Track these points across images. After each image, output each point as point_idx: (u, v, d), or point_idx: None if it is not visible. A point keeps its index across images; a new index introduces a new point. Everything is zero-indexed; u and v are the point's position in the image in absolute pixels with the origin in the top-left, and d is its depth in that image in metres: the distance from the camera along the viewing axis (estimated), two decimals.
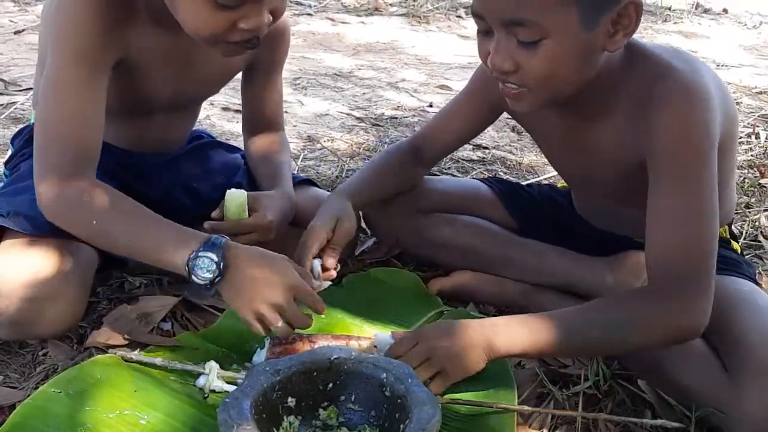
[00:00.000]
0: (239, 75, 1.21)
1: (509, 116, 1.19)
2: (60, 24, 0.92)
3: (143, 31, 0.97)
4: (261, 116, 1.24)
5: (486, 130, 1.31)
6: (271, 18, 0.88)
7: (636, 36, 0.89)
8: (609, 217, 1.12)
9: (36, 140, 0.93)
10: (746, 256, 1.20)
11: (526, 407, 0.88)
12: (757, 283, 1.03)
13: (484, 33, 0.86)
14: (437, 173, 1.75)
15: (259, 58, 1.16)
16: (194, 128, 1.40)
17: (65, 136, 0.91)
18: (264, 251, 0.90)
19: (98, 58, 0.92)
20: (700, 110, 0.86)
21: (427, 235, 1.20)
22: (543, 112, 0.97)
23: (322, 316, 0.95)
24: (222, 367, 0.91)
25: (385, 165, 1.18)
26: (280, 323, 0.86)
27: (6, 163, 1.22)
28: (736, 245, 1.09)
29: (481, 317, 1.11)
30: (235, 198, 1.03)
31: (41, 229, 0.96)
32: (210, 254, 0.85)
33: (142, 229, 0.91)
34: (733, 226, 1.14)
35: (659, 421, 0.85)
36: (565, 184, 1.26)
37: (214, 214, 1.04)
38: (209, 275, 0.85)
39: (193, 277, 0.86)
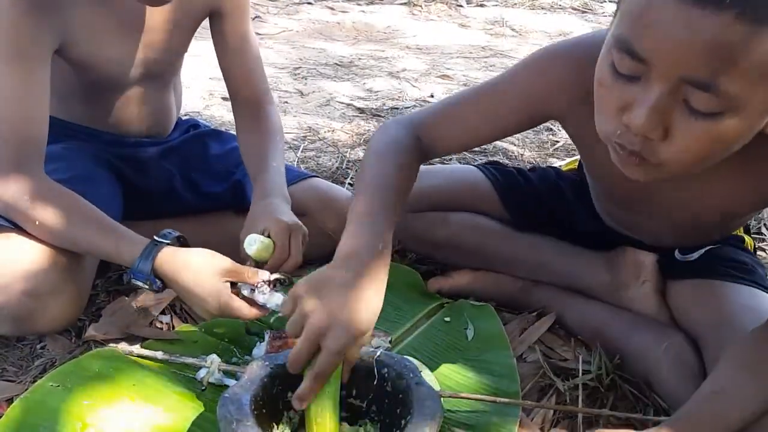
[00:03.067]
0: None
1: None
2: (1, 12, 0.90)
3: (80, 11, 0.95)
4: (240, 85, 1.18)
5: None
6: None
7: None
8: (636, 224, 1.03)
9: None
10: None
11: (528, 402, 0.87)
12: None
13: (629, 77, 0.65)
14: (434, 162, 1.74)
15: (220, 7, 1.10)
16: (190, 117, 1.39)
17: (5, 135, 0.91)
18: (188, 257, 0.91)
19: (34, 52, 0.91)
20: None
21: (421, 237, 1.16)
22: None
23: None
24: (222, 360, 0.90)
25: (402, 179, 0.90)
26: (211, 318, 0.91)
27: None
28: (749, 240, 1.07)
29: (481, 305, 1.10)
30: (254, 245, 0.98)
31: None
32: (138, 283, 0.91)
33: (82, 233, 0.93)
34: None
35: (663, 418, 0.84)
36: (573, 166, 1.19)
37: (243, 256, 1.00)
38: (152, 290, 0.93)
39: (134, 282, 0.93)
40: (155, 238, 0.93)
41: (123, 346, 0.91)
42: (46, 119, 0.94)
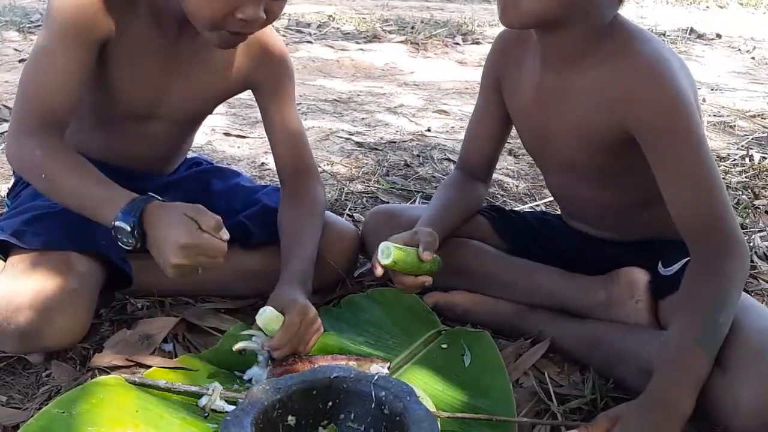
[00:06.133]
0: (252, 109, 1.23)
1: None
2: (56, 5, 0.96)
3: (137, 27, 1.00)
4: (283, 161, 1.21)
5: None
6: (264, 16, 0.92)
7: None
8: (584, 210, 1.15)
9: (15, 100, 1.00)
10: None
11: (525, 419, 0.89)
12: None
13: None
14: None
15: (260, 81, 1.16)
16: (194, 155, 1.43)
17: (33, 95, 0.97)
18: (182, 208, 0.92)
19: (84, 33, 0.96)
20: (673, 76, 0.92)
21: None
22: (523, 60, 1.04)
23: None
24: (223, 387, 0.92)
25: (449, 195, 1.20)
26: (197, 258, 0.88)
27: (8, 194, 1.24)
28: None
29: (477, 331, 1.12)
30: (263, 314, 0.98)
31: (43, 244, 0.98)
32: (124, 225, 0.90)
33: (84, 187, 0.95)
34: None
35: None
36: (558, 212, 1.28)
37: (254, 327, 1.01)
38: (129, 244, 0.91)
39: (119, 244, 0.92)
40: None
41: (127, 376, 0.93)
42: (75, 96, 0.99)
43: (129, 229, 0.90)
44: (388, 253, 1.01)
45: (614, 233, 1.16)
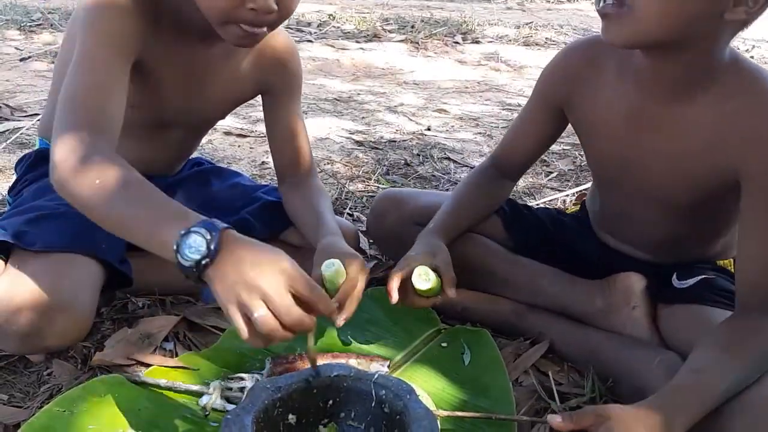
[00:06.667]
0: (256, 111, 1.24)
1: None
2: (92, 11, 0.95)
3: (165, 40, 1.00)
4: (285, 162, 1.22)
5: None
6: (275, 7, 0.91)
7: None
8: (635, 234, 1.10)
9: (59, 108, 0.92)
10: None
11: (525, 417, 0.89)
12: None
13: None
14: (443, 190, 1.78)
15: (270, 84, 1.17)
16: (196, 155, 1.43)
17: (89, 102, 0.91)
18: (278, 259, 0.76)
19: (124, 45, 0.95)
20: None
21: None
22: (600, 80, 0.99)
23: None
24: (224, 386, 0.92)
25: (472, 190, 1.19)
26: (261, 311, 0.71)
27: (9, 191, 1.24)
28: None
29: (477, 330, 1.13)
30: (332, 268, 0.97)
31: (45, 245, 0.98)
32: (202, 230, 0.74)
33: (144, 197, 0.83)
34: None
35: None
36: (575, 208, 1.25)
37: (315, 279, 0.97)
38: (196, 255, 0.73)
39: (179, 257, 0.74)
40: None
41: (128, 375, 0.93)
42: (123, 107, 0.94)
43: (208, 237, 0.74)
44: (428, 278, 1.00)
45: (654, 257, 1.11)
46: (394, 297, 0.98)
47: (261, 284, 0.72)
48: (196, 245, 0.74)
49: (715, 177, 0.92)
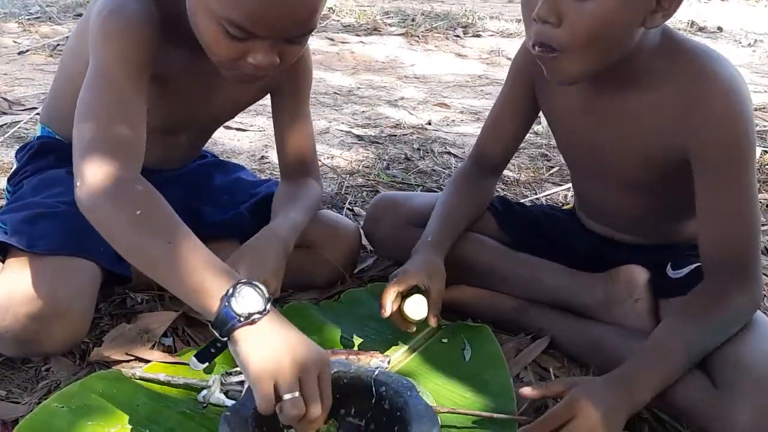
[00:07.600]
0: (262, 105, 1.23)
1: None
2: (109, 26, 0.92)
3: (182, 52, 0.99)
4: (290, 161, 1.22)
5: None
6: (278, 60, 0.89)
7: None
8: (612, 215, 1.13)
9: (79, 120, 0.88)
10: None
11: (524, 417, 0.89)
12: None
13: None
14: (435, 189, 1.77)
15: (280, 85, 1.17)
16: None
17: (117, 121, 0.87)
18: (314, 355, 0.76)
19: (142, 66, 0.93)
20: (746, 106, 0.89)
21: None
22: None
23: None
24: (223, 381, 0.92)
25: (457, 195, 1.19)
26: (297, 393, 0.71)
27: (9, 180, 1.23)
28: None
29: (478, 325, 1.12)
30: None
31: (43, 247, 0.97)
32: (258, 288, 0.75)
33: (185, 238, 0.79)
34: None
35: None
36: (570, 205, 1.26)
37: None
38: (248, 308, 0.73)
39: (225, 303, 0.73)
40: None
41: (126, 368, 0.93)
42: (145, 129, 0.92)
43: (267, 295, 0.75)
44: (418, 310, 1.02)
45: (636, 237, 1.14)
46: (387, 311, 1.00)
47: (307, 367, 0.71)
48: (250, 297, 0.74)
49: (666, 156, 0.96)
